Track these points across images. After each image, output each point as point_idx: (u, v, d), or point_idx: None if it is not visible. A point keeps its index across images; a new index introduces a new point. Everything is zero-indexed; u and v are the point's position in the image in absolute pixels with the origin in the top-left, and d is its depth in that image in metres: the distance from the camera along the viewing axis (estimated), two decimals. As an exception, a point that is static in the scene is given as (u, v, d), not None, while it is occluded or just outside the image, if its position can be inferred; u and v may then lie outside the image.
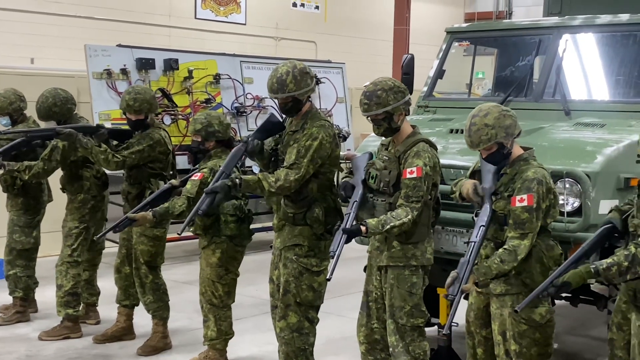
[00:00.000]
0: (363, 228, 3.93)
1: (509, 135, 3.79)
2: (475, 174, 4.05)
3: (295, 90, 4.34)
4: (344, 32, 19.32)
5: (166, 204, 4.84)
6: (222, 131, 5.06)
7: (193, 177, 4.90)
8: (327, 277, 3.86)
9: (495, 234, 3.84)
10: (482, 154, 3.85)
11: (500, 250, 3.73)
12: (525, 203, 3.69)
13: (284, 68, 4.37)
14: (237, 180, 4.26)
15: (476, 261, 3.72)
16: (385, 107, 4.07)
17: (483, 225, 3.74)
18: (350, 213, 4.04)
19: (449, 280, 3.66)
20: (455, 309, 3.57)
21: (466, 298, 4.09)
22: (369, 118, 4.16)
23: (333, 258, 3.83)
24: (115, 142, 5.53)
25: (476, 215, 3.82)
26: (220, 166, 4.78)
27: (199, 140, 5.04)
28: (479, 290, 3.90)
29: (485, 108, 3.84)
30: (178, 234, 4.39)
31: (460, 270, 3.64)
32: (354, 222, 4.02)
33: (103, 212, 6.03)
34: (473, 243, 3.71)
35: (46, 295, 6.49)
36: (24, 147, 5.81)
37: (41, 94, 5.80)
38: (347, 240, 3.92)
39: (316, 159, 4.34)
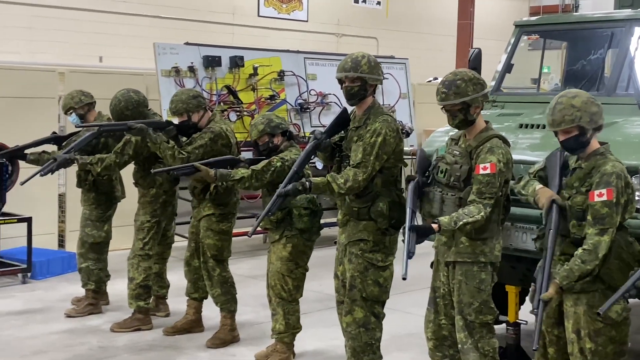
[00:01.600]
0: (435, 226, 3.91)
1: (592, 122, 3.72)
2: (542, 171, 3.97)
3: (367, 73, 4.37)
4: (406, 27, 19.24)
5: (230, 170, 5.00)
6: (283, 122, 5.19)
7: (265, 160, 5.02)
8: (403, 277, 3.79)
9: (573, 230, 3.76)
10: (560, 136, 3.76)
11: (580, 250, 3.66)
12: (604, 197, 3.61)
13: (360, 53, 4.46)
14: (307, 183, 4.31)
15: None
16: (464, 97, 4.03)
17: (551, 229, 3.68)
18: (407, 209, 4.03)
19: (530, 294, 3.62)
20: (541, 322, 3.54)
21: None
22: (444, 109, 4.12)
23: (410, 258, 3.78)
24: (184, 139, 5.62)
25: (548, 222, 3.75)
26: (291, 157, 4.84)
27: (266, 140, 5.11)
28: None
29: (573, 91, 3.80)
30: (249, 236, 4.46)
31: (538, 280, 3.60)
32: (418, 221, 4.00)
33: (174, 207, 6.14)
34: (546, 250, 3.66)
35: (117, 287, 6.64)
36: (94, 140, 5.96)
37: (114, 95, 5.95)
38: (419, 240, 3.88)
39: (381, 155, 4.35)
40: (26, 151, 6.36)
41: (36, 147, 6.35)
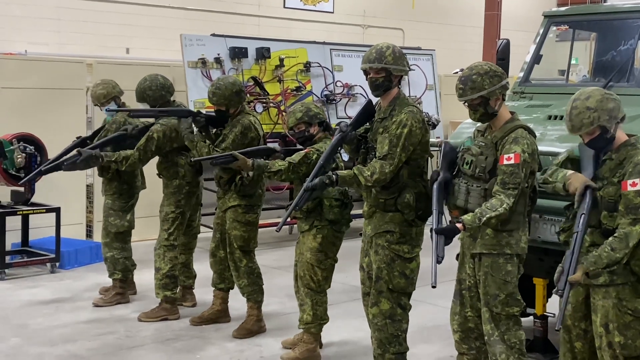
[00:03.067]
0: (460, 225, 3.89)
1: (612, 118, 3.69)
2: (568, 162, 3.95)
3: (391, 64, 4.35)
4: (432, 18, 19.11)
5: (267, 161, 5.02)
6: (321, 112, 5.20)
7: (300, 151, 5.03)
8: (433, 285, 3.79)
9: (604, 221, 3.73)
10: (584, 138, 3.75)
11: (610, 238, 3.63)
12: (638, 187, 3.59)
13: (385, 44, 4.45)
14: (333, 176, 4.32)
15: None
16: (480, 91, 4.02)
17: (584, 214, 3.65)
18: (434, 210, 4.03)
19: (556, 275, 3.60)
20: (566, 304, 3.51)
21: None
22: (465, 103, 4.11)
23: (440, 263, 3.79)
24: (214, 130, 5.63)
25: (578, 207, 3.72)
26: (325, 149, 4.86)
27: (303, 128, 5.12)
28: (584, 282, 3.77)
29: (587, 91, 3.75)
30: (277, 230, 4.46)
31: (566, 262, 3.57)
32: (448, 222, 3.98)
33: (198, 198, 6.17)
34: (576, 233, 3.62)
35: (144, 278, 6.70)
36: (121, 142, 6.03)
37: (144, 77, 6.02)
38: (447, 241, 3.87)
39: (408, 147, 4.33)
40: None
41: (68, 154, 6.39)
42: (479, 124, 4.29)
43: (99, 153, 5.90)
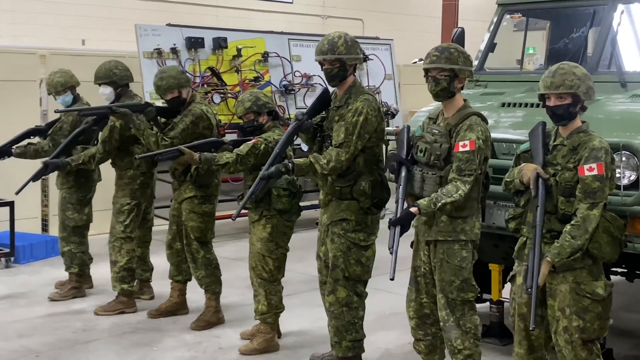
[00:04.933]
0: (414, 209, 3.90)
1: (587, 95, 3.77)
2: (519, 160, 3.98)
3: (344, 54, 4.36)
4: (391, 9, 19.18)
5: (214, 154, 4.98)
6: (270, 101, 5.18)
7: (248, 142, 4.98)
8: (390, 277, 3.78)
9: (562, 206, 3.76)
10: (552, 101, 3.77)
11: (568, 226, 3.68)
12: (595, 172, 3.65)
13: (337, 33, 4.46)
14: (289, 165, 4.32)
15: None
16: (454, 64, 4.02)
17: (539, 206, 3.69)
18: (399, 200, 4.02)
19: (522, 273, 3.69)
20: (536, 304, 3.57)
21: None
22: (428, 74, 4.06)
23: (392, 254, 3.78)
24: (163, 120, 5.57)
25: (535, 196, 3.75)
26: (274, 139, 4.83)
27: (252, 117, 5.08)
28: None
29: (574, 63, 3.86)
30: (232, 219, 4.47)
31: (529, 259, 3.64)
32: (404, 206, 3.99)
33: (152, 189, 6.12)
34: (534, 227, 3.67)
35: (100, 271, 6.62)
36: (75, 144, 5.99)
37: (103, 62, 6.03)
38: (403, 230, 3.88)
39: (363, 135, 4.36)
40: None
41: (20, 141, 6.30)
42: (430, 111, 4.30)
43: (64, 161, 5.89)
